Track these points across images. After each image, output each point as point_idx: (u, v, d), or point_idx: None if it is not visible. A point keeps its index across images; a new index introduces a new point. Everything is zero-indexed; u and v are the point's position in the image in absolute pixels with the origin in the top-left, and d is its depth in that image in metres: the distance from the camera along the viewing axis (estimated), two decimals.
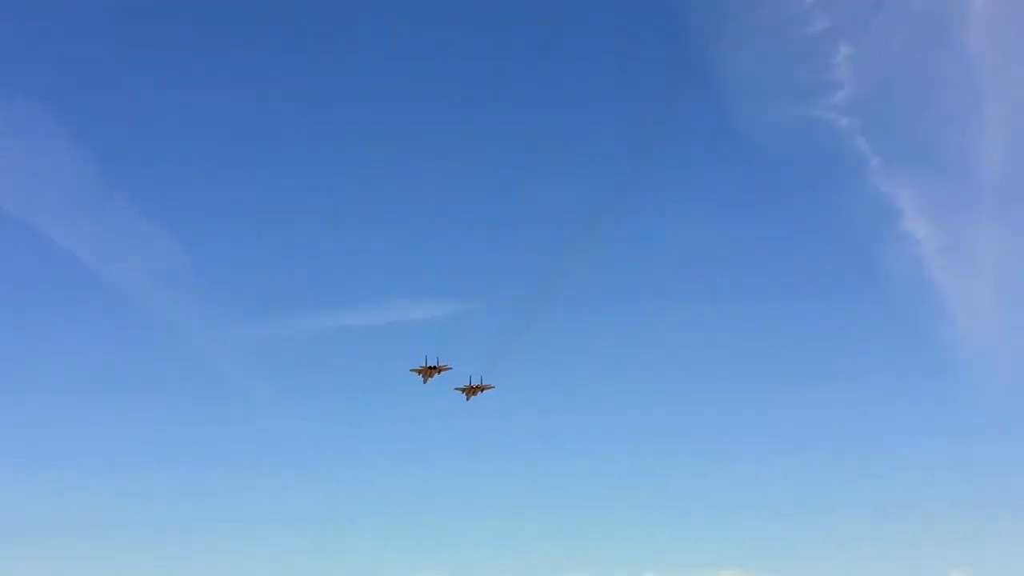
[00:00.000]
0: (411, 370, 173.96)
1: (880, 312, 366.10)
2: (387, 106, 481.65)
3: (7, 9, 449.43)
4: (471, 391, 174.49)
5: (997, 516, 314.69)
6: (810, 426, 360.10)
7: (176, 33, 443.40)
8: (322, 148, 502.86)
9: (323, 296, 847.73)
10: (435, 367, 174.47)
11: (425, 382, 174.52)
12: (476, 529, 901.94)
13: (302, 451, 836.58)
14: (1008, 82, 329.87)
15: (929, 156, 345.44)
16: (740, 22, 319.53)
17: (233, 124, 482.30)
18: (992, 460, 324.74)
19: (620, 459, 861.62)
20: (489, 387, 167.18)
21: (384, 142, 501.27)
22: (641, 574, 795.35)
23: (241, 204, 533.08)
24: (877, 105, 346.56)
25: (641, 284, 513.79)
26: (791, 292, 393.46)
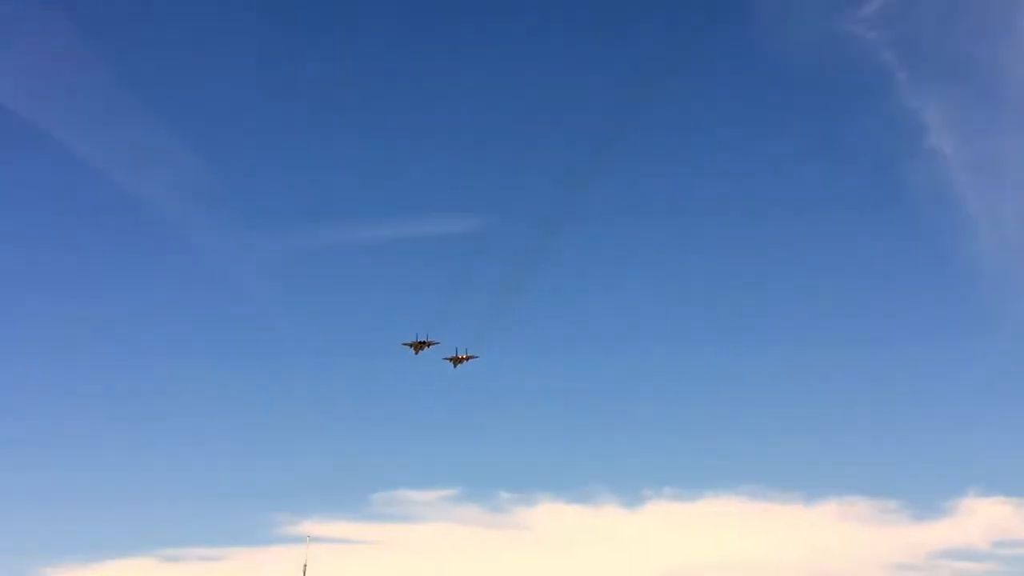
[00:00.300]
0: (402, 344, 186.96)
1: (905, 229, 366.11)
2: (411, 17, 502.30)
3: None
4: (457, 360, 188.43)
5: (1018, 437, 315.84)
6: (830, 344, 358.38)
7: None
8: (347, 61, 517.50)
9: (343, 209, 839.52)
10: (424, 342, 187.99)
11: (416, 354, 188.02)
12: (487, 447, 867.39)
13: (318, 364, 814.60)
14: None
15: (957, 71, 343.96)
16: None
17: (255, 33, 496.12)
18: (1016, 378, 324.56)
19: (634, 379, 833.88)
20: (474, 357, 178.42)
21: (408, 49, 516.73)
22: (661, 489, 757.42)
23: (261, 115, 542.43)
24: (906, 18, 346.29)
25: (660, 203, 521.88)
26: (814, 209, 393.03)
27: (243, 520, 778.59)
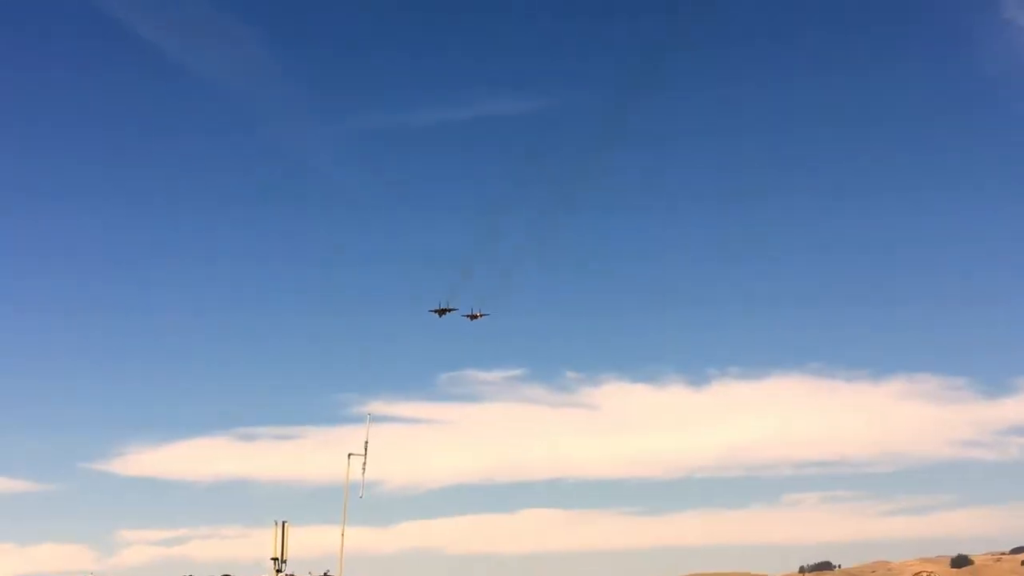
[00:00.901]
0: (428, 311, 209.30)
1: (980, 98, 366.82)
2: None
3: None
4: (473, 317, 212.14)
5: None
6: (900, 215, 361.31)
7: None
8: None
9: (410, 91, 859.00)
10: (446, 308, 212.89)
11: (441, 317, 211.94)
12: (553, 327, 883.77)
13: (384, 246, 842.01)
14: None
15: None
16: None
17: None
18: None
19: (699, 258, 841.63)
20: (486, 314, 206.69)
21: None
22: (726, 368, 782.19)
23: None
24: None
25: (736, 71, 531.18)
26: (892, 79, 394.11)
27: (314, 400, 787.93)
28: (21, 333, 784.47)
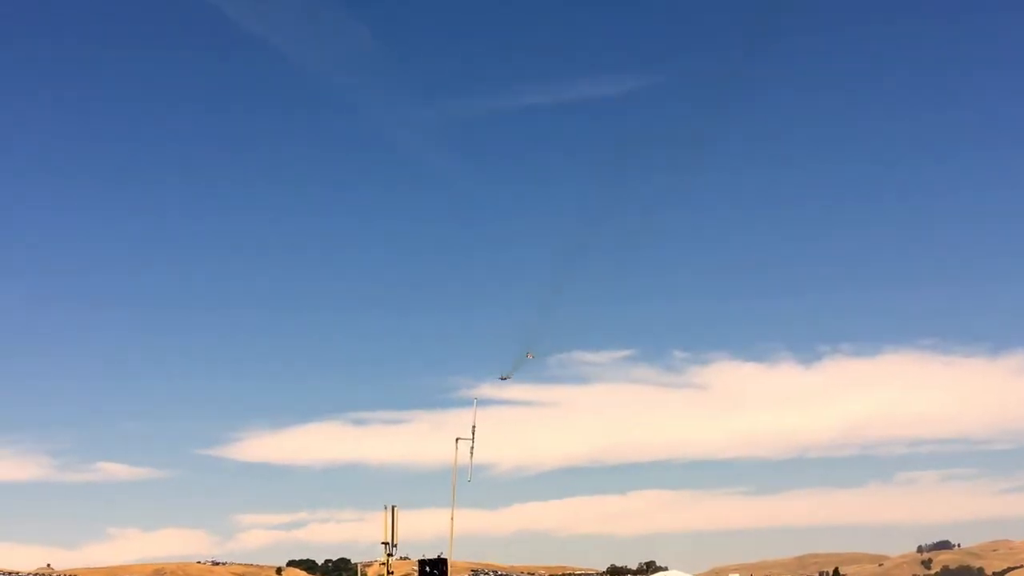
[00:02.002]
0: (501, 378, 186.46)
1: None
2: None
3: None
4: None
5: None
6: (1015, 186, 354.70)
7: None
8: None
9: (505, 75, 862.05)
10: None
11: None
12: (661, 307, 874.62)
13: (490, 229, 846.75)
14: None
15: None
16: None
17: None
18: None
19: (807, 233, 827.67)
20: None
21: None
22: (838, 345, 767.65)
23: None
24: None
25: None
26: None
27: (425, 385, 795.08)
28: (140, 325, 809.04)
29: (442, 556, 71.23)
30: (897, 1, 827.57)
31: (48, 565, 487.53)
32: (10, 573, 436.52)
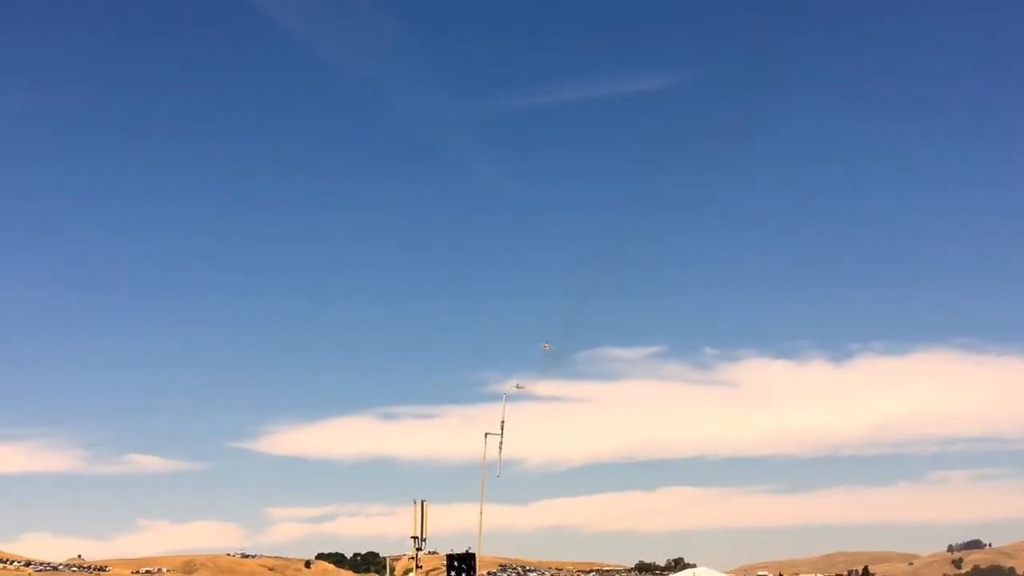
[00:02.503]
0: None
1: None
2: None
3: None
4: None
5: None
6: None
7: None
8: None
9: (538, 70, 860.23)
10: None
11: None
12: (691, 303, 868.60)
13: (516, 223, 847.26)
14: None
15: None
16: None
17: None
18: None
19: (837, 230, 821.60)
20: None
21: None
22: (869, 343, 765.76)
23: None
24: None
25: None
26: None
27: (454, 380, 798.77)
28: (173, 317, 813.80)
29: (470, 551, 71.18)
30: None
31: (79, 556, 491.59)
32: (42, 564, 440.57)
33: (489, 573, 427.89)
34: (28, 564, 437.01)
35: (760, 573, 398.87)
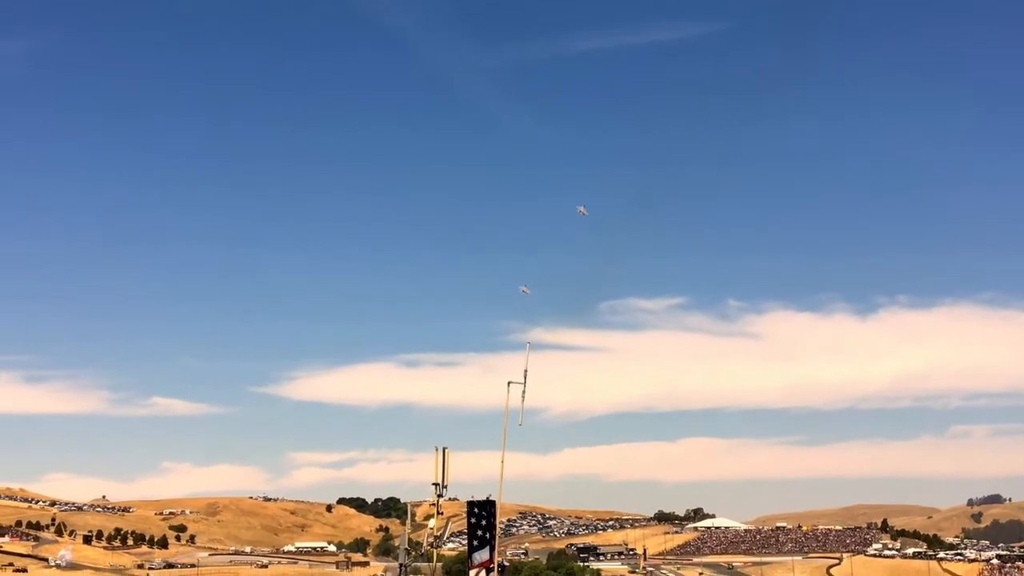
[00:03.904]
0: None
1: None
2: None
3: None
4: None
5: None
6: None
7: None
8: None
9: (566, 19, 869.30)
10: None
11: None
12: (715, 254, 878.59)
13: (544, 173, 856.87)
14: None
15: None
16: None
17: None
18: None
19: (863, 181, 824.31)
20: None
21: None
22: (895, 296, 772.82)
23: None
24: None
25: None
26: None
27: (477, 328, 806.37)
28: (199, 264, 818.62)
29: (491, 498, 70.84)
30: None
31: (104, 497, 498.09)
32: (67, 504, 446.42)
33: (508, 520, 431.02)
34: (53, 504, 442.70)
35: (779, 524, 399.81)
